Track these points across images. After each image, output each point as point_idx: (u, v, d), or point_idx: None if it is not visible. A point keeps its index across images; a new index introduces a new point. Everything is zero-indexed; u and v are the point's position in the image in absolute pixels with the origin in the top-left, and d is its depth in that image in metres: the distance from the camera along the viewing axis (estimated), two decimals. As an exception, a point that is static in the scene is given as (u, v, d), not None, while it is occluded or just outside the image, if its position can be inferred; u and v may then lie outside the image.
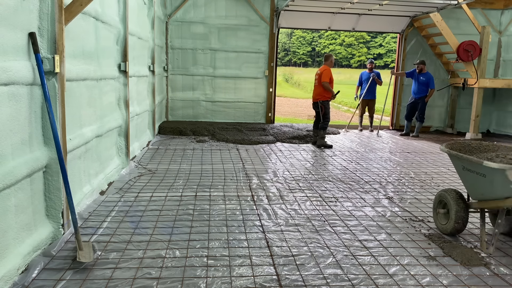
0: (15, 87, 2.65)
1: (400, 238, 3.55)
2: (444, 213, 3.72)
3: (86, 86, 4.07)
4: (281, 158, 6.77)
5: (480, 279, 2.90)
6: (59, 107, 3.18)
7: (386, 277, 2.87)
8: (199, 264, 2.94)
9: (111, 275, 2.75)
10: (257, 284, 2.71)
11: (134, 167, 5.68)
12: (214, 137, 8.44)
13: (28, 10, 2.84)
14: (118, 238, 3.35)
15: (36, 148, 2.98)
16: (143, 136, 7.23)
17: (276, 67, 10.44)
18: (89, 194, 4.09)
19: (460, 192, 3.70)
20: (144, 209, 4.04)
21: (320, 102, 7.88)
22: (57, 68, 3.09)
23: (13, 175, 2.58)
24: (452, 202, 3.57)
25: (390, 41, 32.40)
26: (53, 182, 3.15)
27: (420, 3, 8.81)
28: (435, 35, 10.11)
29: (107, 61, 4.75)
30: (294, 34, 35.67)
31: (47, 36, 3.05)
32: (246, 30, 9.97)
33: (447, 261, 3.15)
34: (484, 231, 3.39)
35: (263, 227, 3.70)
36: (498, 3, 10.55)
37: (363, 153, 7.55)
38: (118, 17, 5.12)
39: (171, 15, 9.66)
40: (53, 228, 3.19)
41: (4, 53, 2.54)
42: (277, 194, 4.73)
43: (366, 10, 9.85)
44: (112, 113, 5.04)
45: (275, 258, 3.09)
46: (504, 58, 10.78)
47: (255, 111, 10.37)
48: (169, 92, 10.00)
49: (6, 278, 2.50)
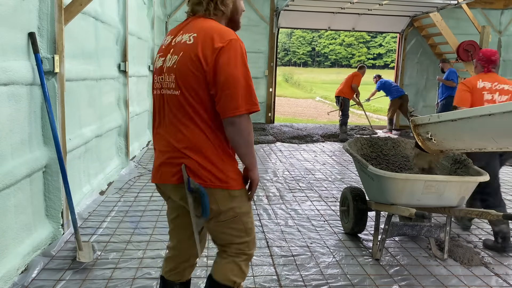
0: (14, 87, 2.65)
1: (400, 238, 3.55)
2: (343, 211, 3.66)
3: (86, 86, 4.07)
4: (281, 158, 6.77)
5: (481, 279, 2.89)
6: (58, 107, 3.18)
7: (386, 277, 2.87)
8: (199, 264, 2.94)
9: (110, 275, 2.75)
10: (257, 284, 2.71)
11: (134, 167, 5.68)
12: (214, 137, 8.42)
13: (28, 10, 2.83)
14: (118, 238, 3.34)
15: (35, 148, 2.98)
16: (143, 136, 7.23)
17: (276, 67, 10.44)
18: (88, 194, 4.09)
19: (362, 190, 3.52)
20: (144, 209, 4.04)
21: (341, 98, 8.81)
22: (56, 68, 3.08)
23: (12, 175, 2.58)
24: (351, 200, 3.47)
25: (390, 41, 32.42)
26: (53, 182, 3.14)
27: (420, 3, 8.81)
28: (435, 35, 10.11)
29: (106, 61, 4.75)
30: (294, 34, 35.65)
31: (46, 36, 3.04)
32: (245, 30, 9.95)
33: (447, 261, 3.14)
34: (377, 235, 3.20)
35: (263, 227, 3.70)
36: (498, 3, 10.55)
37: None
38: (118, 17, 5.12)
39: (170, 15, 9.66)
40: (52, 228, 3.18)
41: (3, 53, 2.53)
42: (277, 194, 4.72)
43: (366, 10, 9.85)
44: (111, 113, 5.03)
45: (275, 258, 3.09)
46: (504, 58, 10.78)
47: (255, 111, 10.36)
48: (169, 92, 9.98)
49: (6, 278, 2.50)
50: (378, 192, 3.09)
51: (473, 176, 2.99)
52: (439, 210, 3.07)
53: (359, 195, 3.47)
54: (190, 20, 1.82)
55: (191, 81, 1.68)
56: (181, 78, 1.70)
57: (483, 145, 2.65)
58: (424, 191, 2.89)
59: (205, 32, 1.68)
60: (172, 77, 1.73)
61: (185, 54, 1.69)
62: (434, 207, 3.04)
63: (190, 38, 1.71)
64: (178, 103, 1.72)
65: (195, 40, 1.68)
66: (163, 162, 1.78)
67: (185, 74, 1.68)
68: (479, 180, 2.92)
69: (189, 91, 1.69)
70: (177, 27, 1.87)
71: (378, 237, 3.20)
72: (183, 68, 1.69)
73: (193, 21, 1.79)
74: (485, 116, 2.42)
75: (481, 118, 2.45)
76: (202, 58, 1.64)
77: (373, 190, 3.18)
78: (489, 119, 2.40)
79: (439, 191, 2.90)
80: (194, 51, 1.66)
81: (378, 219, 3.23)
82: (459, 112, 2.63)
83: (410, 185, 2.87)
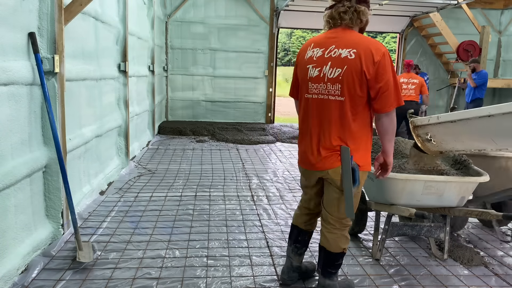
0: (14, 87, 2.65)
1: (400, 238, 3.55)
2: None
3: (86, 86, 4.06)
4: (281, 158, 6.77)
5: (481, 279, 2.89)
6: (58, 107, 3.18)
7: (386, 277, 2.87)
8: (199, 264, 2.94)
9: (110, 275, 2.75)
10: (257, 284, 2.71)
11: (134, 167, 5.67)
12: (214, 137, 8.44)
13: (28, 10, 2.83)
14: (118, 238, 3.34)
15: (35, 148, 2.98)
16: (142, 136, 7.22)
17: (276, 67, 10.43)
18: (88, 194, 4.09)
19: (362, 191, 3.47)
20: (144, 209, 4.04)
21: None
22: (56, 68, 3.08)
23: (12, 175, 2.58)
24: None
25: (390, 41, 32.36)
26: (53, 182, 3.14)
27: (420, 3, 8.80)
28: (435, 35, 10.11)
29: (106, 61, 4.75)
30: (294, 34, 35.58)
31: (46, 36, 3.04)
32: (246, 30, 9.96)
33: (447, 261, 3.14)
34: (377, 235, 3.20)
35: (263, 227, 3.70)
36: (498, 3, 10.55)
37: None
38: (118, 17, 5.12)
39: (170, 15, 9.65)
40: (52, 228, 3.18)
41: (3, 53, 2.53)
42: (277, 194, 4.72)
43: (366, 10, 9.83)
44: (111, 113, 5.03)
45: (275, 258, 3.09)
46: (504, 58, 10.78)
47: (255, 111, 10.36)
48: (168, 92, 9.99)
49: (6, 278, 2.50)
50: (378, 193, 3.09)
51: (473, 176, 2.99)
52: (439, 210, 3.07)
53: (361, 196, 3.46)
54: (338, 32, 2.29)
55: (357, 89, 2.20)
56: (347, 86, 2.20)
57: (482, 146, 2.66)
58: (424, 192, 2.89)
59: (364, 48, 2.17)
60: (337, 86, 2.23)
61: (350, 68, 2.18)
62: (434, 207, 3.04)
63: (350, 53, 2.19)
64: (341, 106, 2.23)
65: (356, 55, 2.17)
66: (324, 154, 2.30)
67: (352, 83, 2.19)
68: (479, 180, 2.92)
69: (352, 96, 2.20)
70: (323, 39, 2.32)
71: (378, 237, 3.20)
72: (350, 79, 2.19)
73: (342, 34, 2.27)
74: (484, 117, 2.42)
75: (480, 119, 2.46)
76: (366, 71, 2.16)
77: (373, 190, 3.17)
78: (488, 120, 2.40)
79: (439, 192, 2.90)
80: (358, 65, 2.17)
81: (378, 219, 3.24)
82: (458, 113, 2.64)
83: (410, 186, 2.87)
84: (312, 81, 2.33)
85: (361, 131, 2.28)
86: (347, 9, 2.25)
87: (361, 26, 2.35)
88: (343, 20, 2.27)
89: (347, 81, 2.20)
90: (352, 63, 2.18)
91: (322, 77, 2.28)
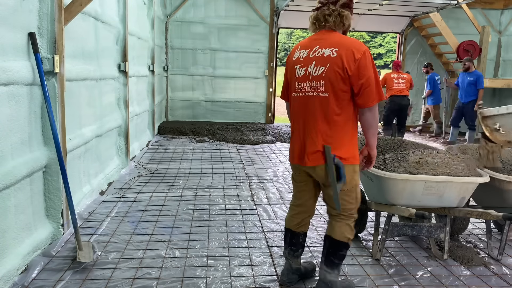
0: (14, 87, 2.65)
1: (400, 238, 3.55)
2: None
3: (86, 86, 4.06)
4: (281, 158, 6.77)
5: (480, 279, 2.89)
6: (58, 107, 3.18)
7: (386, 277, 2.87)
8: (199, 264, 2.94)
9: (111, 275, 2.75)
10: (257, 284, 2.71)
11: (134, 167, 5.67)
12: (214, 137, 8.44)
13: (28, 10, 2.83)
14: (118, 238, 3.34)
15: (35, 148, 2.98)
16: (143, 136, 7.22)
17: (276, 67, 10.43)
18: (88, 194, 4.09)
19: (362, 191, 3.43)
20: (144, 209, 4.04)
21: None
22: (56, 68, 3.08)
23: (12, 175, 2.58)
24: None
25: (390, 41, 32.35)
26: (53, 182, 3.14)
27: (420, 3, 8.81)
28: (435, 35, 10.11)
29: (106, 61, 4.75)
30: (294, 34, 35.58)
31: (46, 36, 3.04)
32: (246, 30, 9.96)
33: (447, 261, 3.14)
34: (377, 235, 3.20)
35: (263, 227, 3.70)
36: (498, 3, 10.55)
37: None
38: (118, 17, 5.12)
39: (171, 15, 9.65)
40: (52, 228, 3.18)
41: (4, 53, 2.53)
42: (277, 194, 4.72)
43: (366, 10, 9.84)
44: (111, 113, 5.03)
45: (275, 258, 3.09)
46: (504, 58, 10.78)
47: (255, 111, 10.36)
48: (168, 92, 9.99)
49: (6, 278, 2.50)
50: (378, 193, 3.09)
51: (472, 176, 2.99)
52: (439, 210, 3.07)
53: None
54: (322, 34, 2.41)
55: (340, 85, 2.30)
56: (331, 83, 2.30)
57: None
58: (424, 192, 2.89)
59: (345, 47, 2.29)
60: (321, 82, 2.33)
61: (332, 65, 2.30)
62: (434, 207, 3.04)
63: (333, 52, 2.31)
64: (325, 102, 2.33)
65: (338, 54, 2.29)
66: (310, 150, 2.37)
67: (334, 80, 2.30)
68: (479, 181, 2.92)
69: (336, 92, 2.31)
70: (309, 41, 2.46)
71: (378, 237, 3.20)
72: (332, 76, 2.30)
73: (326, 36, 2.39)
74: None
75: None
76: (347, 67, 2.26)
77: (373, 190, 3.17)
78: None
79: (439, 192, 2.90)
80: (340, 63, 2.28)
81: (378, 219, 3.23)
82: None
83: (410, 186, 2.87)
84: (299, 80, 2.44)
85: (346, 125, 2.36)
86: (331, 12, 2.38)
87: (343, 30, 2.48)
88: (327, 22, 2.39)
89: (330, 78, 2.30)
90: (334, 60, 2.29)
91: (307, 75, 2.39)
